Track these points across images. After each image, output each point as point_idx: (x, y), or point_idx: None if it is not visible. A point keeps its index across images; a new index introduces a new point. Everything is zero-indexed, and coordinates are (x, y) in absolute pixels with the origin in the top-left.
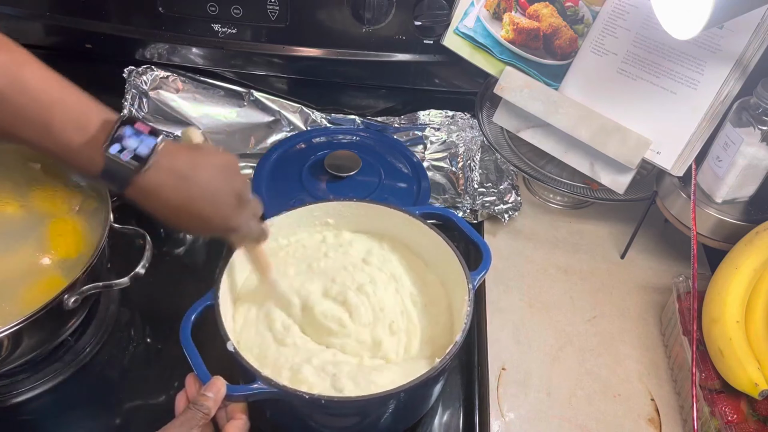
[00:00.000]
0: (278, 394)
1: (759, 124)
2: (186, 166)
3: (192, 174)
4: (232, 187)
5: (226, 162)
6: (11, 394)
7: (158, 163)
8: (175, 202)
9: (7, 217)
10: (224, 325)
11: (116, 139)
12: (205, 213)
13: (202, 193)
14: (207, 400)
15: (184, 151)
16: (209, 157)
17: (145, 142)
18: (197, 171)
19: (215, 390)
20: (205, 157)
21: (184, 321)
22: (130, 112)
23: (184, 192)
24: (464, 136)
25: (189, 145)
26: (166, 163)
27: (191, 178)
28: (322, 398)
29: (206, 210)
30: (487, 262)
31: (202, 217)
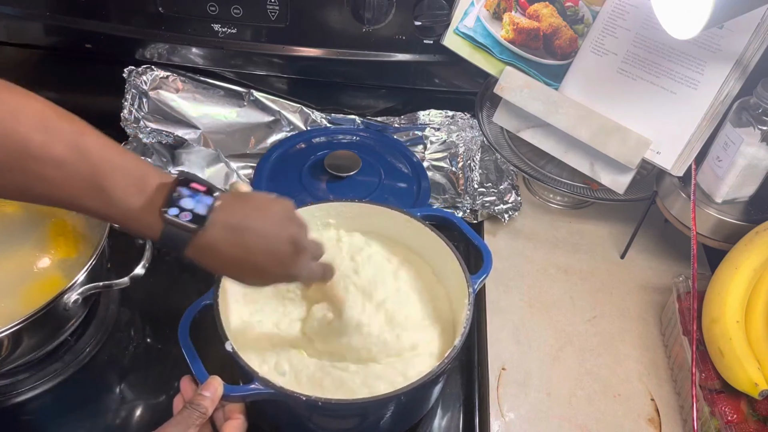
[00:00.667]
0: (275, 395)
1: (759, 124)
2: (240, 219)
3: (246, 226)
4: (289, 234)
5: (280, 209)
6: (11, 394)
7: (214, 221)
8: (232, 256)
9: (7, 217)
10: (223, 325)
11: (173, 201)
12: (262, 264)
13: (257, 244)
14: (204, 399)
15: (238, 204)
16: (264, 206)
17: (202, 202)
18: (251, 222)
19: (212, 390)
20: (259, 207)
21: (183, 320)
22: (130, 112)
23: (240, 246)
24: (464, 136)
25: (242, 196)
26: (221, 219)
27: (246, 230)
28: (320, 400)
29: (263, 261)
30: (487, 265)
31: (260, 269)
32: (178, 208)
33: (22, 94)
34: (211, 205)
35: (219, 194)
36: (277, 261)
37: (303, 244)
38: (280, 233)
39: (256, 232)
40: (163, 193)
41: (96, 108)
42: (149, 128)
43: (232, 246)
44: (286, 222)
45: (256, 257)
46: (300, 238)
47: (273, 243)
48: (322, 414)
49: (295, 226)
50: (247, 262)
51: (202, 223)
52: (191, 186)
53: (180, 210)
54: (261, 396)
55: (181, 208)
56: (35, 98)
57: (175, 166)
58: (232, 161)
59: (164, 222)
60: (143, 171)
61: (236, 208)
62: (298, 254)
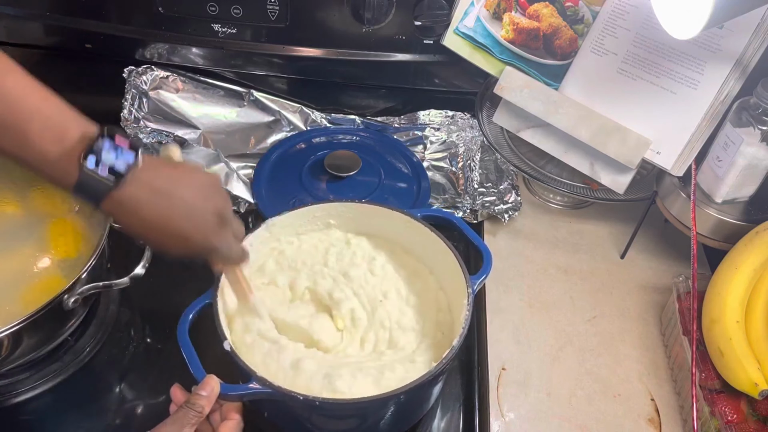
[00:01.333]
0: (273, 394)
1: (759, 124)
2: (166, 182)
3: (172, 191)
4: (214, 205)
5: (208, 180)
6: (11, 394)
7: (136, 179)
8: (153, 219)
9: (7, 217)
10: (221, 324)
11: (93, 152)
12: (184, 231)
13: (181, 210)
14: (200, 398)
15: (164, 168)
16: (191, 175)
17: (123, 157)
18: (178, 188)
19: (209, 389)
20: (187, 175)
21: (182, 319)
22: (130, 112)
23: (163, 209)
24: (464, 136)
25: (170, 162)
26: (144, 178)
27: (171, 195)
28: (317, 399)
29: (186, 228)
30: (487, 266)
31: (181, 236)
32: (96, 158)
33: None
34: (132, 163)
35: (143, 152)
36: (199, 230)
37: (228, 217)
38: (205, 203)
39: (181, 198)
40: (84, 143)
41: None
42: (149, 128)
43: (154, 208)
44: (213, 192)
45: (178, 224)
46: (225, 211)
47: (197, 211)
48: (321, 414)
49: (221, 198)
50: (168, 227)
51: (120, 178)
52: (115, 140)
53: (98, 162)
54: (259, 395)
55: (99, 160)
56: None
57: None
58: (232, 161)
59: (80, 172)
60: (66, 118)
61: (161, 171)
62: (222, 227)
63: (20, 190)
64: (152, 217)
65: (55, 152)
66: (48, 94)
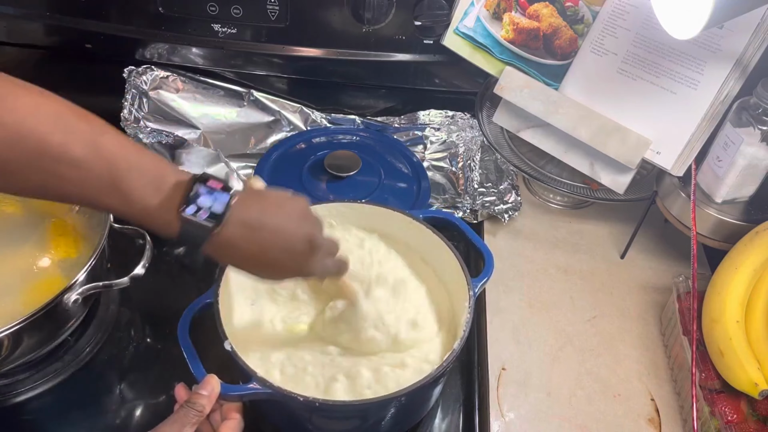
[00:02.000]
0: (273, 395)
1: (759, 124)
2: (257, 216)
3: (263, 224)
4: (304, 232)
5: (297, 207)
6: (11, 394)
7: (231, 218)
8: (249, 253)
9: (7, 217)
10: (222, 324)
11: (191, 199)
12: (278, 261)
13: (273, 242)
14: (201, 398)
15: (254, 201)
16: (278, 204)
17: (219, 200)
18: (268, 220)
19: (209, 389)
20: (275, 204)
21: (182, 319)
22: (130, 112)
23: (256, 243)
24: (464, 136)
25: (258, 193)
26: (238, 216)
27: (262, 228)
28: (317, 401)
29: (279, 258)
30: (489, 269)
31: (276, 265)
32: (195, 206)
33: (39, 94)
34: (227, 203)
35: (235, 191)
36: (292, 258)
37: (318, 242)
38: (296, 231)
39: (273, 230)
40: (181, 191)
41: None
42: (149, 128)
43: (249, 243)
44: (302, 220)
45: (272, 254)
46: (315, 236)
47: (289, 240)
48: (321, 415)
49: (310, 224)
50: (263, 258)
51: (220, 221)
52: (208, 184)
53: (197, 208)
54: (259, 396)
55: (198, 207)
56: (52, 97)
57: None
58: (232, 161)
59: (182, 221)
60: (161, 170)
61: (252, 205)
62: (314, 251)
63: None
64: (247, 251)
65: (156, 204)
66: (141, 148)
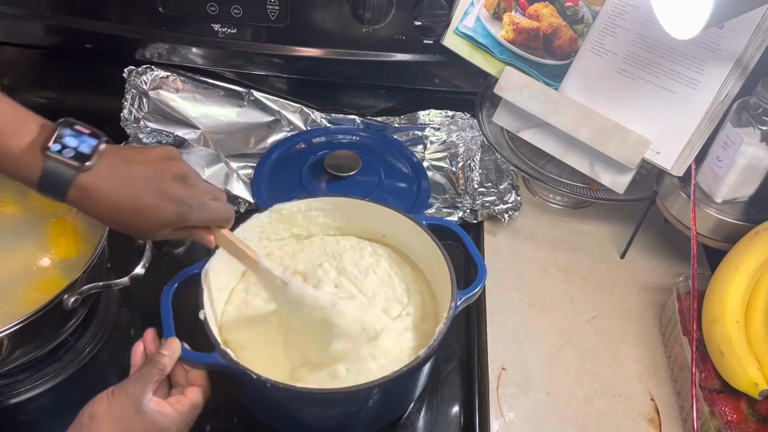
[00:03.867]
0: (229, 368)
1: (759, 124)
2: (125, 161)
3: (132, 169)
4: (174, 170)
5: (164, 151)
6: (11, 394)
7: (100, 164)
8: (118, 197)
9: (7, 217)
10: (204, 293)
11: (57, 138)
12: (151, 203)
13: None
14: (163, 357)
15: (123, 151)
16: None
17: (87, 142)
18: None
19: (171, 349)
20: (143, 151)
21: (169, 284)
22: (130, 112)
23: (126, 186)
24: (464, 136)
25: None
26: (106, 159)
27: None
28: (268, 381)
29: (151, 200)
30: (479, 281)
31: (150, 208)
32: (60, 144)
33: None
34: (95, 146)
35: (105, 138)
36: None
37: (190, 177)
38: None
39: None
40: (47, 132)
41: (96, 108)
42: (149, 128)
43: (118, 186)
44: (171, 161)
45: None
46: (188, 174)
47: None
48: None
49: (181, 164)
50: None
51: (86, 160)
52: (75, 128)
53: (63, 146)
54: (216, 367)
55: (64, 145)
56: None
57: None
58: (232, 161)
59: (46, 160)
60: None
61: (121, 151)
62: (187, 186)
63: (20, 190)
64: (117, 196)
65: (17, 146)
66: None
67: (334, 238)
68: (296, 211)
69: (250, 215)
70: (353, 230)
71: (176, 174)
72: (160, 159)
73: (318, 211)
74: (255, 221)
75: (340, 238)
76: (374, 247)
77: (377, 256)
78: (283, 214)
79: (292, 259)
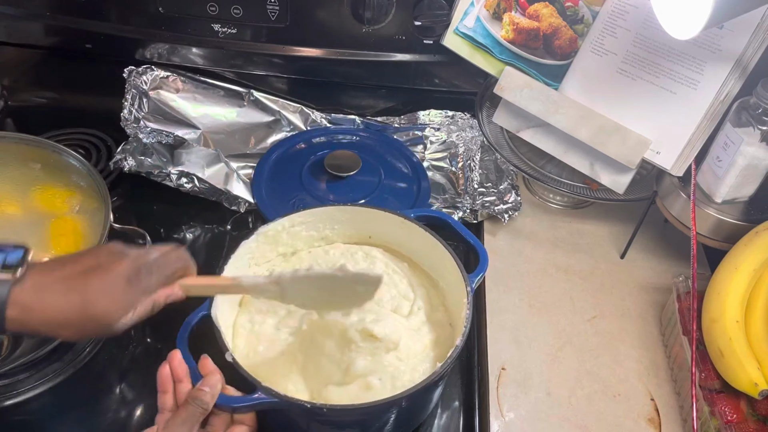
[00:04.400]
0: (279, 403)
1: (759, 124)
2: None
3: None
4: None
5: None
6: (11, 394)
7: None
8: (65, 297)
9: (7, 217)
10: (222, 336)
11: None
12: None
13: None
14: (205, 395)
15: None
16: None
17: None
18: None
19: (212, 385)
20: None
21: (180, 332)
22: (130, 112)
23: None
24: (464, 136)
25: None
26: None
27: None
28: (325, 407)
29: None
30: (484, 263)
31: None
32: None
33: None
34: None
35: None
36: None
37: (126, 249)
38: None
39: (77, 262)
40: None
41: (96, 108)
42: (149, 128)
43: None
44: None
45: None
46: (119, 247)
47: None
48: (324, 421)
49: (109, 243)
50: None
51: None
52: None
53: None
54: (265, 405)
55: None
56: None
57: (175, 166)
58: (232, 161)
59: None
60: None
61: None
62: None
63: (20, 190)
64: (64, 297)
65: None
66: None
67: (321, 249)
68: (281, 230)
69: (250, 216)
70: (338, 238)
71: (109, 252)
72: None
73: (301, 225)
74: (243, 248)
75: (328, 248)
76: (364, 249)
77: (371, 257)
78: (269, 236)
79: None
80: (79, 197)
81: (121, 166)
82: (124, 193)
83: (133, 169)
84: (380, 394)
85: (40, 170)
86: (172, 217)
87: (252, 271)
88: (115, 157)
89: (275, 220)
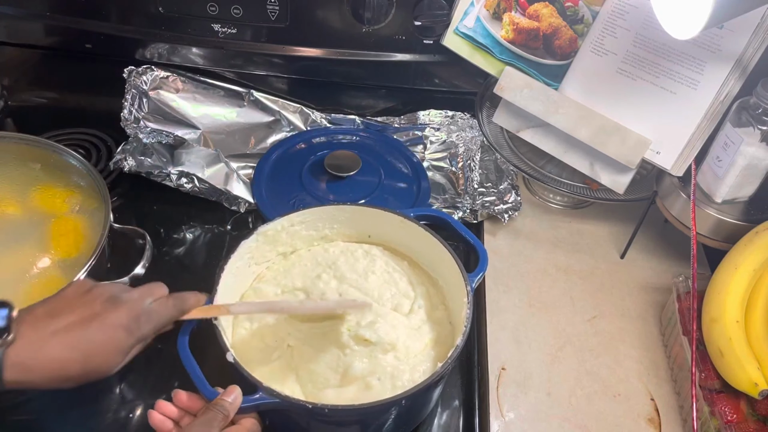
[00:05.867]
0: (281, 404)
1: (759, 124)
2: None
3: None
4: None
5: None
6: (11, 394)
7: (22, 331)
8: (63, 353)
9: (7, 217)
10: (223, 336)
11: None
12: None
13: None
14: (226, 403)
15: (36, 308)
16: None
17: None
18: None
19: (233, 396)
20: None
21: (181, 335)
22: (130, 112)
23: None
24: (464, 136)
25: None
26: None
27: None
28: (326, 407)
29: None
30: (484, 262)
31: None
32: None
33: None
34: (7, 315)
35: (12, 304)
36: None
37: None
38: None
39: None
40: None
41: (96, 108)
42: (149, 128)
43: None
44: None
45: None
46: (110, 292)
47: (91, 312)
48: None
49: (97, 287)
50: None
51: (6, 333)
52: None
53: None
54: (267, 406)
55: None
56: None
57: (174, 166)
58: (232, 161)
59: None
60: None
61: (35, 310)
62: (124, 304)
63: (20, 190)
64: (61, 353)
65: None
66: None
67: (321, 247)
68: (280, 230)
69: (250, 216)
70: (338, 237)
71: (103, 300)
72: (78, 295)
73: (300, 224)
74: (243, 248)
75: (328, 246)
76: (364, 248)
77: (371, 256)
78: (269, 236)
79: (287, 276)
80: (79, 197)
81: (121, 166)
82: (124, 193)
83: (133, 169)
84: (380, 393)
85: (40, 170)
86: (172, 217)
87: (251, 270)
88: (115, 157)
89: (274, 220)
